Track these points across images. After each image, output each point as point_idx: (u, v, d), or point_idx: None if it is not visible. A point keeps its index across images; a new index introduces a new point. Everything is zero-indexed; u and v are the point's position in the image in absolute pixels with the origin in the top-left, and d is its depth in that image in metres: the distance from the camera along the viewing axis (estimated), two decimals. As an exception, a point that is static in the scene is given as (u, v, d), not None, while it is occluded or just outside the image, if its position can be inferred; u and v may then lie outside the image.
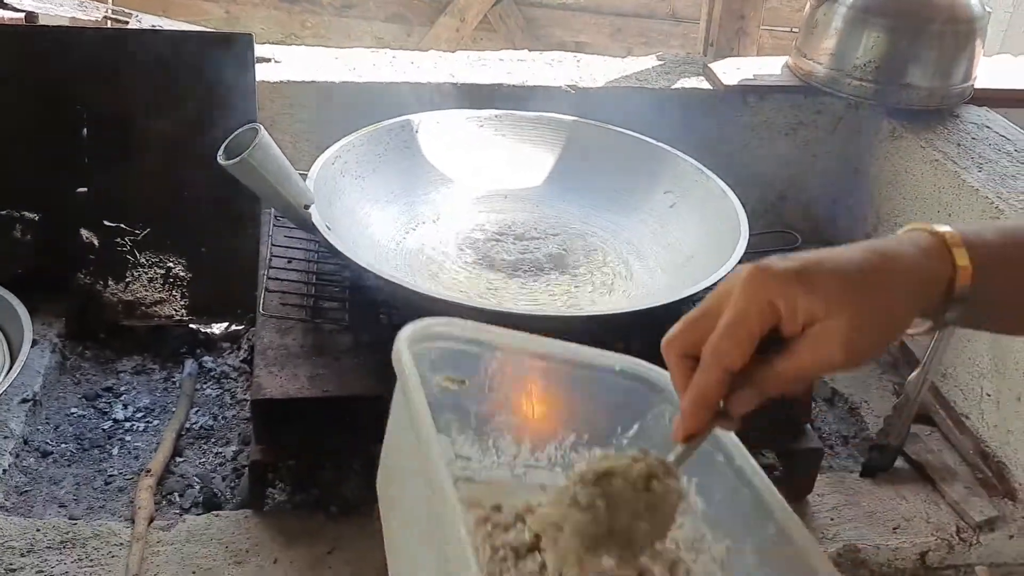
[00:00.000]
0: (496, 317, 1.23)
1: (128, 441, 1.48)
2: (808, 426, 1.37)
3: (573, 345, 0.79)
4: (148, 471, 1.36)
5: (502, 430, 0.79)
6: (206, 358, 1.65)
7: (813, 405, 1.58)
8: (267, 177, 1.23)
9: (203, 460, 1.45)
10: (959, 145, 1.68)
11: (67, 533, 1.23)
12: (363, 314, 1.36)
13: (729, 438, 0.73)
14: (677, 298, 1.24)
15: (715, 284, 1.27)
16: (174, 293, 1.68)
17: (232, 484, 1.40)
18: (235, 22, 3.34)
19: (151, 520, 1.27)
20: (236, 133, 1.23)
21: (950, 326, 0.68)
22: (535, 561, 0.66)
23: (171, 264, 1.66)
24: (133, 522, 1.26)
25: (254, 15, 3.33)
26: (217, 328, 1.72)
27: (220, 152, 1.22)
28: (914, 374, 1.48)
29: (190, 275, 1.67)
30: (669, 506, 0.65)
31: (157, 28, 1.66)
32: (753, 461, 0.73)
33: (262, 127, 1.22)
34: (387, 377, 0.69)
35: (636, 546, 0.64)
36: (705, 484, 0.74)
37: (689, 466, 0.67)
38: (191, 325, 1.70)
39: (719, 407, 0.62)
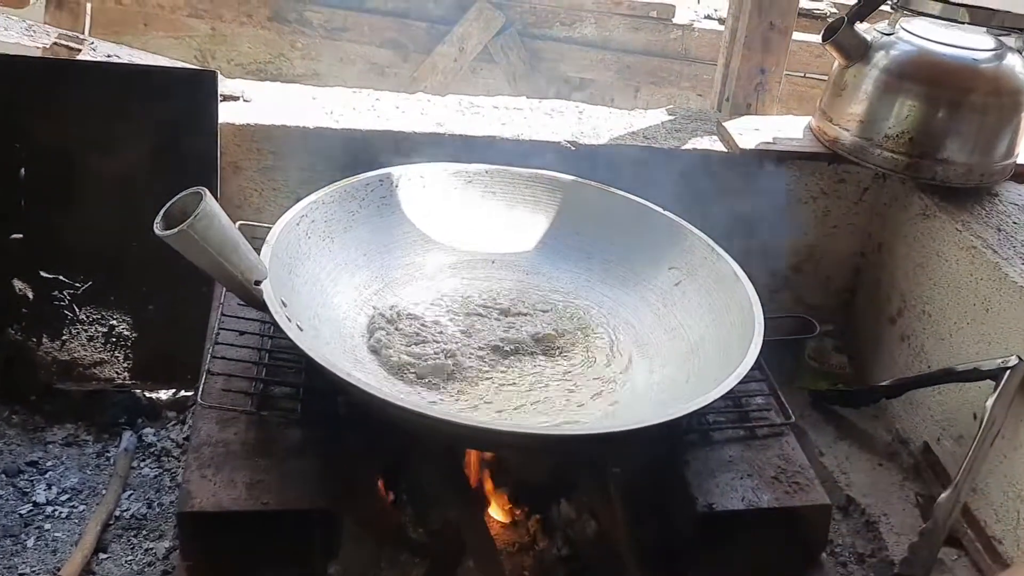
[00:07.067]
0: (467, 431, 1.05)
1: (47, 530, 1.29)
2: (824, 556, 1.20)
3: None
4: (60, 577, 1.18)
5: None
6: (147, 430, 1.47)
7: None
8: (210, 250, 1.06)
9: (130, 558, 1.27)
10: (999, 230, 1.51)
11: (-47, 657, 1.05)
12: (318, 403, 1.19)
13: None
14: (668, 418, 1.06)
15: (724, 394, 1.11)
16: (116, 354, 1.50)
17: (160, 590, 1.23)
18: (221, 40, 3.17)
19: (56, 642, 1.09)
20: (177, 198, 1.06)
21: None
22: None
23: (114, 321, 1.49)
24: (33, 645, 1.07)
25: (241, 34, 3.17)
26: (163, 394, 1.54)
27: (158, 219, 1.05)
28: (944, 495, 1.31)
29: (135, 334, 1.50)
30: None
31: (111, 59, 1.48)
32: None
33: (207, 192, 1.04)
34: (336, 486, 0.53)
35: None
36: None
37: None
38: (134, 390, 1.52)
39: None
